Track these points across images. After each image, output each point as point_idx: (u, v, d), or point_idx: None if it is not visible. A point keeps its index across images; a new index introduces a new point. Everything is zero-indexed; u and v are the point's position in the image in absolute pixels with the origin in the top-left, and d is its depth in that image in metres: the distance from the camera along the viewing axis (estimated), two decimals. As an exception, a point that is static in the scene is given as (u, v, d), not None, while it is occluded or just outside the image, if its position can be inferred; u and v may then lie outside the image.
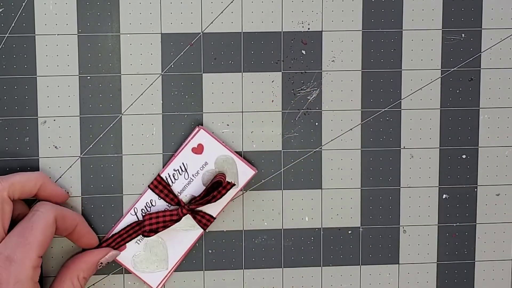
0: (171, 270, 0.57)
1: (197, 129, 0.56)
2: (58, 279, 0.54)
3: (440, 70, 0.58)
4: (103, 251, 0.55)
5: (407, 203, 0.59)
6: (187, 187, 0.56)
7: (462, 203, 0.59)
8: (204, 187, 0.56)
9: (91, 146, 0.56)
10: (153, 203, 0.56)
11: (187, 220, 0.56)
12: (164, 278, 0.57)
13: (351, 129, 0.58)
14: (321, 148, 0.58)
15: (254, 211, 0.58)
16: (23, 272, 0.50)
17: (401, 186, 0.58)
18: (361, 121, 0.58)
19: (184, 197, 0.56)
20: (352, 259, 0.59)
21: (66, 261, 0.56)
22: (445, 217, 0.59)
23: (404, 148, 0.58)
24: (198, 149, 0.56)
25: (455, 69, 0.58)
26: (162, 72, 0.56)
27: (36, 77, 0.55)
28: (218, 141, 0.56)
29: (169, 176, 0.56)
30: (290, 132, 0.58)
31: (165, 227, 0.55)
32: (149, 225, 0.55)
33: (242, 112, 0.57)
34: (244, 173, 0.56)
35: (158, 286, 0.57)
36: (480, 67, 0.58)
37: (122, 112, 0.56)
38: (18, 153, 0.56)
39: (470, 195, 0.59)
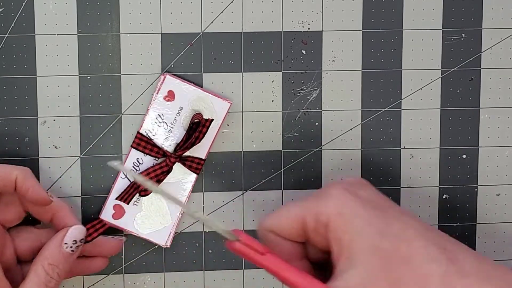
0: (175, 223, 0.56)
1: (162, 76, 0.56)
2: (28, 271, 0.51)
3: (440, 70, 0.58)
4: (62, 231, 0.52)
5: (407, 203, 0.59)
6: (169, 137, 0.56)
7: (462, 203, 0.59)
8: (184, 131, 0.56)
9: (91, 146, 0.56)
10: (140, 161, 0.56)
11: (179, 168, 0.56)
12: (170, 232, 0.56)
13: (351, 129, 0.58)
14: (321, 148, 0.58)
15: (254, 211, 0.58)
16: None
17: (401, 186, 0.58)
18: (361, 121, 0.58)
19: (169, 146, 0.56)
20: (352, 259, 0.59)
21: None
22: (445, 217, 0.59)
23: (404, 148, 0.58)
24: (170, 96, 0.55)
25: (455, 69, 0.58)
26: (162, 72, 0.56)
27: (36, 77, 0.55)
28: (187, 82, 0.56)
29: (149, 131, 0.56)
30: (290, 132, 0.58)
31: (159, 182, 0.55)
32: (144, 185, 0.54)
33: (242, 112, 0.57)
34: (220, 107, 0.56)
35: (166, 242, 0.57)
36: (480, 67, 0.58)
37: (122, 112, 0.56)
38: (18, 153, 0.56)
39: (470, 195, 0.59)
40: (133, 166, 0.56)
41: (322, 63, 0.57)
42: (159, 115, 0.55)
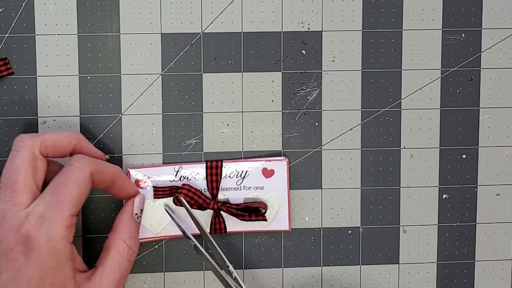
0: (154, 237, 0.56)
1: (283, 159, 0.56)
2: (105, 250, 0.52)
3: (440, 70, 0.58)
4: (129, 202, 0.54)
5: (407, 203, 0.59)
6: (230, 190, 0.56)
7: (462, 203, 0.59)
8: (242, 202, 0.56)
9: (91, 146, 0.56)
10: (196, 177, 0.56)
11: (206, 215, 0.56)
12: (145, 238, 0.56)
13: (351, 129, 0.58)
14: (321, 148, 0.58)
15: (254, 211, 0.58)
16: (56, 231, 0.48)
17: (401, 186, 0.58)
18: (361, 121, 0.58)
19: (221, 194, 0.56)
20: (352, 259, 0.59)
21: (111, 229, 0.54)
22: (445, 217, 0.59)
23: (404, 148, 0.58)
24: (268, 173, 0.56)
25: (455, 69, 0.58)
26: (162, 72, 0.56)
27: (36, 77, 0.55)
28: (288, 180, 0.56)
29: (231, 171, 0.56)
30: (290, 132, 0.58)
31: (190, 206, 0.55)
32: (184, 194, 0.55)
33: (242, 112, 0.57)
34: (280, 219, 0.56)
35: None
36: (480, 67, 0.58)
37: (122, 112, 0.56)
38: (18, 153, 0.56)
39: (470, 195, 0.59)
40: (190, 172, 0.56)
41: (322, 63, 0.57)
42: (247, 171, 0.56)
